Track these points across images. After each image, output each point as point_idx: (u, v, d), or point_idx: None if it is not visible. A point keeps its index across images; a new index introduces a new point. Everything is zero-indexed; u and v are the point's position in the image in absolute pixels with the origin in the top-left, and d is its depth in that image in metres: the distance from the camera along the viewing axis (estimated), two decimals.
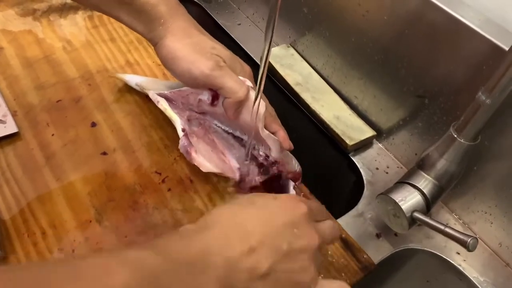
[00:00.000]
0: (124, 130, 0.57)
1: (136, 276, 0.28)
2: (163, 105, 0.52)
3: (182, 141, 0.49)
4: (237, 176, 0.52)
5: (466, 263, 0.54)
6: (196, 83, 0.48)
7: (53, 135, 0.55)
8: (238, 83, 0.47)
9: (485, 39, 0.47)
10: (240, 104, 0.48)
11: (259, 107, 0.47)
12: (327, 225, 0.39)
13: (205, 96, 0.50)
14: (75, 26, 0.70)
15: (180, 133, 0.50)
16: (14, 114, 0.55)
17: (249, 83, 0.49)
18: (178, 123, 0.51)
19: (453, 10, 0.49)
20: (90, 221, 0.48)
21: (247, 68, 0.52)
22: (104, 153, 0.54)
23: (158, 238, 0.33)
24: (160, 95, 0.53)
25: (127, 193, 0.51)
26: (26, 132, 0.55)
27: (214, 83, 0.47)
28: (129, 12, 0.48)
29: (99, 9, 0.51)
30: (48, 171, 0.51)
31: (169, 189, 0.52)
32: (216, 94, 0.50)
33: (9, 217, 0.47)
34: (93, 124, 0.57)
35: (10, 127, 0.53)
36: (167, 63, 0.48)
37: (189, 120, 0.53)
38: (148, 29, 0.49)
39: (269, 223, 0.35)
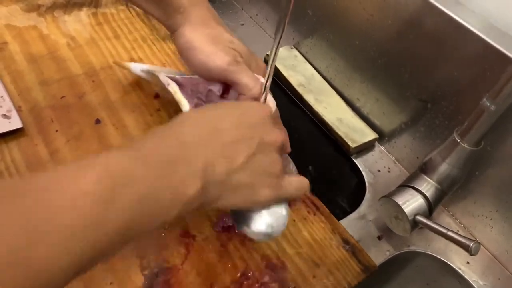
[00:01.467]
0: (128, 127, 0.57)
1: (106, 176, 0.28)
2: (173, 88, 0.50)
3: None
4: None
5: (466, 267, 0.54)
6: (211, 75, 0.47)
7: (57, 131, 0.55)
8: (253, 79, 0.46)
9: (489, 44, 0.48)
10: (254, 101, 0.48)
11: (271, 104, 0.47)
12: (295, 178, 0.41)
13: (216, 88, 0.49)
14: (79, 23, 0.70)
15: None
16: (18, 110, 0.55)
17: (263, 80, 0.49)
18: (186, 107, 0.49)
19: (457, 15, 0.50)
20: None
21: (262, 64, 0.51)
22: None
23: (128, 142, 0.34)
24: (171, 78, 0.52)
25: None
26: (30, 127, 0.55)
27: (230, 78, 0.46)
28: None
29: None
30: (52, 167, 0.51)
31: None
32: (227, 87, 0.49)
33: None
34: (97, 121, 0.57)
35: (15, 123, 0.53)
36: (184, 53, 0.47)
37: (196, 107, 0.52)
38: (167, 16, 0.47)
39: (241, 120, 0.38)
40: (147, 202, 0.30)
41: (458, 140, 0.48)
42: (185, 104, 0.49)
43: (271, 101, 0.48)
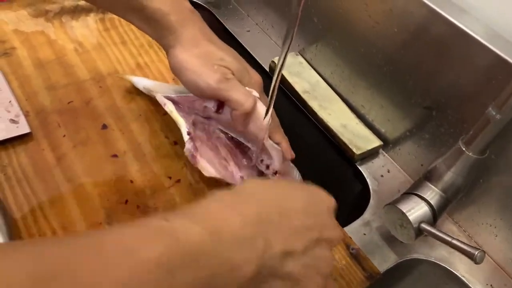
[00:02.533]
0: (134, 133, 0.57)
1: (171, 250, 0.26)
2: (169, 107, 0.53)
3: (188, 145, 0.50)
4: (238, 183, 0.52)
5: (470, 275, 0.54)
6: (203, 94, 0.48)
7: (64, 136, 0.55)
8: (244, 95, 0.47)
9: (494, 53, 0.48)
10: (247, 115, 0.48)
11: (266, 117, 0.47)
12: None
13: (211, 104, 0.51)
14: (86, 28, 0.70)
15: (185, 137, 0.50)
16: (26, 114, 0.56)
17: (255, 93, 0.49)
18: (184, 126, 0.51)
19: (462, 23, 0.50)
20: (100, 223, 0.48)
21: (256, 77, 0.52)
22: (115, 156, 0.54)
23: (189, 205, 0.31)
24: (167, 98, 0.54)
25: (137, 196, 0.51)
26: (38, 132, 0.55)
27: (221, 96, 0.47)
28: (141, 18, 0.48)
29: (113, 12, 0.51)
30: (59, 172, 0.52)
31: (179, 194, 0.52)
32: (221, 103, 0.50)
33: (20, 217, 0.48)
34: (104, 126, 0.57)
35: (22, 127, 0.54)
36: (176, 73, 0.49)
37: (194, 124, 0.53)
38: (159, 36, 0.49)
39: (307, 207, 0.35)
40: (206, 279, 0.28)
41: (463, 149, 0.48)
42: (182, 124, 0.51)
43: (262, 109, 0.48)
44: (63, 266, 0.23)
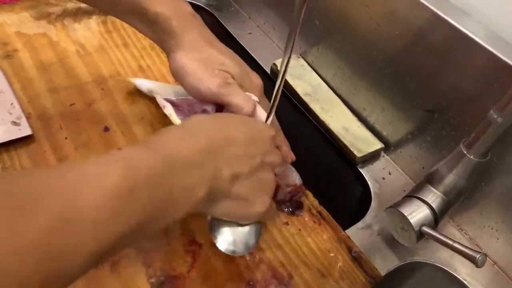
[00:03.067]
0: (136, 135, 0.57)
1: (129, 174, 0.30)
2: (168, 110, 0.53)
3: None
4: None
5: (472, 278, 0.54)
6: (203, 98, 0.48)
7: (66, 138, 0.55)
8: (244, 99, 0.47)
9: (495, 56, 0.48)
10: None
11: (267, 122, 0.48)
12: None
13: (210, 107, 0.51)
14: (88, 31, 0.70)
15: None
16: (28, 117, 0.56)
17: (255, 98, 0.49)
18: None
19: (464, 26, 0.50)
20: None
21: (257, 81, 0.52)
22: None
23: (148, 138, 0.36)
24: (167, 100, 0.54)
25: None
26: (40, 134, 0.55)
27: (221, 100, 0.47)
28: (142, 22, 0.49)
29: (114, 15, 0.51)
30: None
31: None
32: (220, 107, 0.50)
33: None
34: (106, 129, 0.57)
35: (24, 130, 0.54)
36: (176, 77, 0.49)
37: None
38: (160, 40, 0.49)
39: (249, 136, 0.41)
40: (164, 199, 0.32)
41: (465, 152, 0.48)
42: None
43: (264, 115, 0.48)
44: (31, 195, 0.26)
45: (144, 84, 0.60)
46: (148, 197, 0.31)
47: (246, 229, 0.45)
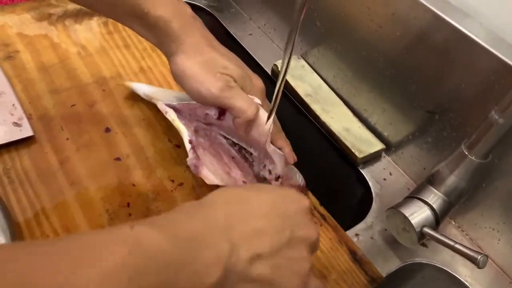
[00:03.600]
0: (137, 136, 0.58)
1: (134, 253, 0.28)
2: (171, 115, 0.52)
3: (191, 155, 0.50)
4: None
5: (473, 279, 0.54)
6: (205, 102, 0.48)
7: (67, 139, 0.55)
8: (247, 102, 0.47)
9: (497, 57, 0.48)
10: (250, 122, 0.48)
11: (268, 123, 0.48)
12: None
13: (212, 112, 0.51)
14: (90, 32, 0.70)
15: (187, 145, 0.50)
16: (29, 118, 0.56)
17: (257, 100, 0.49)
18: (185, 134, 0.51)
19: (465, 28, 0.50)
20: (103, 227, 0.48)
21: (258, 83, 0.51)
22: (118, 159, 0.55)
23: (160, 216, 0.32)
24: (169, 105, 0.54)
25: (140, 199, 0.51)
26: (41, 135, 0.55)
27: (223, 104, 0.47)
28: (142, 25, 0.48)
29: (114, 18, 0.51)
30: (62, 175, 0.52)
31: (181, 197, 0.53)
32: (222, 110, 0.50)
33: (23, 220, 0.48)
34: (107, 130, 0.57)
35: (25, 131, 0.54)
36: (178, 80, 0.48)
37: (196, 131, 0.53)
38: (161, 43, 0.49)
39: (274, 208, 0.36)
40: (171, 284, 0.29)
41: (466, 153, 0.48)
42: (184, 131, 0.51)
43: (264, 116, 0.48)
44: (31, 273, 0.25)
45: (141, 88, 0.60)
46: (154, 280, 0.28)
47: None
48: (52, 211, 0.49)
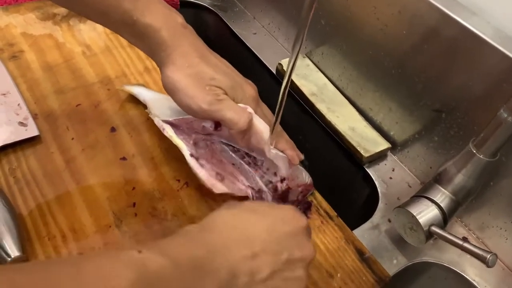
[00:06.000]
0: (143, 136, 0.57)
1: (140, 278, 0.29)
2: (168, 132, 0.52)
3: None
4: (249, 194, 0.52)
5: (480, 278, 0.54)
6: (197, 116, 0.48)
7: (73, 139, 0.55)
8: (237, 114, 0.46)
9: (505, 55, 0.48)
10: (245, 132, 0.48)
11: (263, 131, 0.47)
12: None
13: (208, 124, 0.51)
14: (94, 32, 0.70)
15: (188, 158, 0.50)
16: (34, 117, 0.56)
17: (250, 110, 0.48)
18: (185, 149, 0.50)
19: (472, 25, 0.50)
20: (110, 226, 0.48)
21: (250, 91, 0.50)
22: (123, 159, 0.54)
23: (162, 239, 0.34)
24: (166, 122, 0.53)
25: (146, 199, 0.51)
26: (47, 135, 0.55)
27: (214, 117, 0.47)
28: (132, 34, 0.48)
29: (107, 27, 0.50)
30: (68, 175, 0.52)
31: (187, 196, 0.52)
32: (217, 123, 0.50)
33: (30, 219, 0.48)
34: (113, 129, 0.57)
35: (31, 130, 0.54)
36: (168, 92, 0.48)
37: (195, 143, 0.53)
38: (151, 52, 0.48)
39: (271, 231, 0.37)
40: None
41: (474, 151, 0.47)
42: (183, 147, 0.51)
43: (262, 125, 0.48)
44: None
45: (141, 94, 0.59)
46: None
47: None
48: (59, 210, 0.49)
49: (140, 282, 0.29)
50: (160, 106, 0.57)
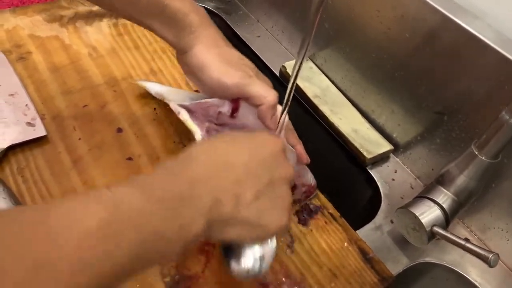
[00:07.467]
0: (149, 136, 0.58)
1: (114, 215, 0.28)
2: (183, 116, 0.52)
3: None
4: None
5: (482, 279, 0.55)
6: (225, 91, 0.49)
7: (79, 139, 0.56)
8: (266, 89, 0.48)
9: (506, 58, 0.48)
10: (274, 109, 0.49)
11: (284, 119, 0.48)
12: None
13: (225, 108, 0.51)
14: (100, 33, 0.71)
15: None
16: (42, 118, 0.57)
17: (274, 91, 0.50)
18: (198, 134, 0.51)
19: (474, 29, 0.51)
20: None
21: (268, 81, 0.52)
22: (130, 159, 0.55)
23: (139, 175, 0.33)
24: (181, 106, 0.54)
25: None
26: (54, 135, 0.56)
27: (245, 91, 0.48)
28: (161, 21, 0.49)
29: (130, 18, 0.51)
30: (75, 175, 0.53)
31: None
32: (236, 107, 0.51)
33: None
34: (119, 130, 0.58)
35: (39, 130, 0.55)
36: (196, 72, 0.49)
37: (207, 131, 0.54)
38: (178, 38, 0.49)
39: (251, 156, 0.37)
40: (152, 240, 0.30)
41: (476, 153, 0.48)
42: (196, 131, 0.51)
43: (279, 108, 0.48)
44: (11, 243, 0.25)
45: (154, 88, 0.60)
46: (135, 238, 0.29)
47: (257, 248, 0.41)
48: None
49: (113, 219, 0.28)
50: (174, 94, 0.58)
